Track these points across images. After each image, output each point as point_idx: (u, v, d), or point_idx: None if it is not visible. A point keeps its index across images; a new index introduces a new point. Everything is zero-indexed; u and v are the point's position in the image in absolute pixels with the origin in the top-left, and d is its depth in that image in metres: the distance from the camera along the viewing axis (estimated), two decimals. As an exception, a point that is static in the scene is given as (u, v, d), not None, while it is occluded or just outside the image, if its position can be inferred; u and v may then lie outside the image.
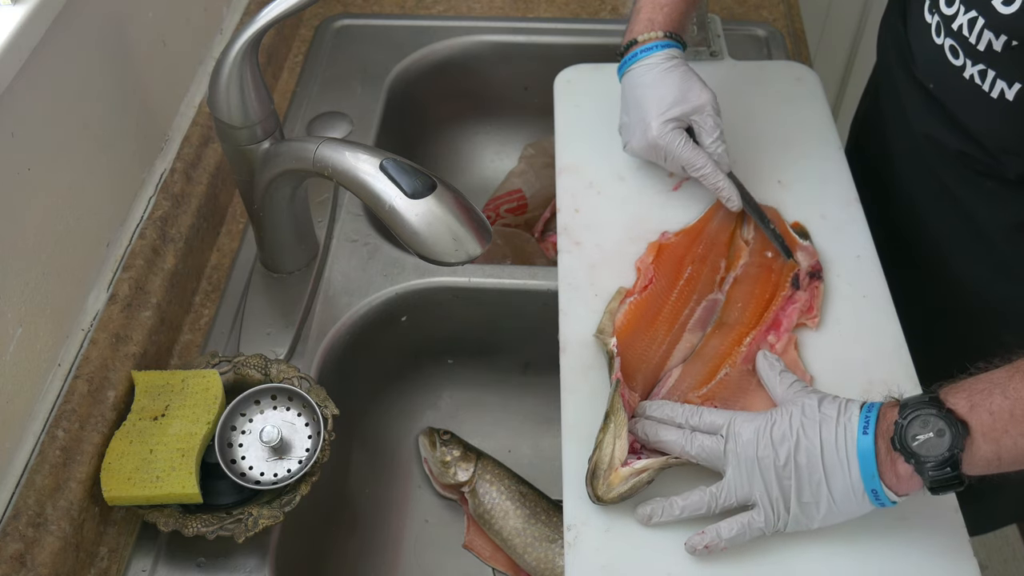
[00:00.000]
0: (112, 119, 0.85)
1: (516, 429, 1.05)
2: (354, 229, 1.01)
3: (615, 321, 0.81)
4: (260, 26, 0.75)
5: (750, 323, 0.81)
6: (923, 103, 0.87)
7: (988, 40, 0.73)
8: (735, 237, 0.88)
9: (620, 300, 0.83)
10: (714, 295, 0.84)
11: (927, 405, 0.60)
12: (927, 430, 0.60)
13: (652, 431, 0.71)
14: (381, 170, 0.70)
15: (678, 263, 0.85)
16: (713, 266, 0.85)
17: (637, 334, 0.80)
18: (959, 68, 0.78)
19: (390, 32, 1.25)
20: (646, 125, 0.86)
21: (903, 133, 0.93)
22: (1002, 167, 0.81)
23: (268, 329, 0.91)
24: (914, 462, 0.60)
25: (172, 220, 0.91)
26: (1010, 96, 0.74)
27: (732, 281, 0.84)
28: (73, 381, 0.77)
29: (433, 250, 0.69)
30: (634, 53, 0.89)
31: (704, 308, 0.83)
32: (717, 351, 0.79)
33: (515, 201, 1.24)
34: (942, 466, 0.59)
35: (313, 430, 0.79)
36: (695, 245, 0.87)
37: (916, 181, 0.94)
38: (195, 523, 0.73)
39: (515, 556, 0.92)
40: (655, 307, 0.82)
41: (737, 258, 0.86)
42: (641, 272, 0.85)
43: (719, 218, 0.90)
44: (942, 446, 0.59)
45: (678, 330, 0.81)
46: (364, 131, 1.12)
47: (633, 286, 0.84)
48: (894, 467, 0.61)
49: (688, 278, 0.84)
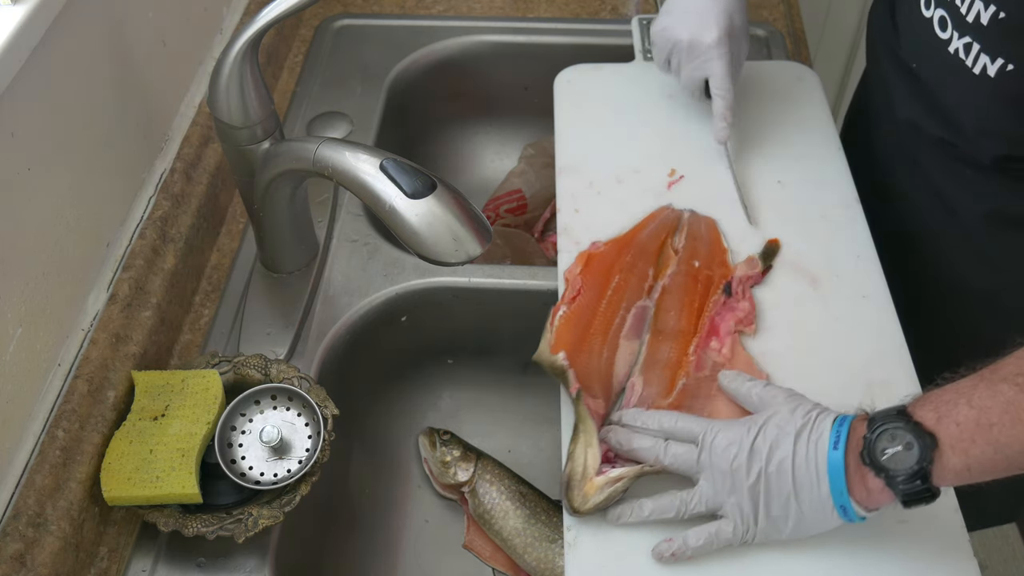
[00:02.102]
0: (112, 119, 0.85)
1: (516, 429, 1.05)
2: (354, 229, 1.01)
3: (554, 329, 0.80)
4: (260, 26, 0.75)
5: (688, 331, 0.80)
6: (906, 87, 0.88)
7: (977, 11, 0.74)
8: (665, 246, 0.88)
9: (553, 310, 0.82)
10: (643, 302, 0.83)
11: (894, 419, 0.60)
12: (895, 444, 0.59)
13: (625, 439, 0.71)
14: (381, 170, 0.70)
15: (606, 272, 0.85)
16: (641, 274, 0.85)
17: (577, 345, 0.79)
18: (945, 42, 0.79)
19: (390, 32, 1.25)
20: (716, 30, 0.89)
21: (887, 121, 0.94)
22: (979, 151, 0.82)
23: (268, 329, 0.91)
24: (884, 476, 0.60)
25: (172, 220, 0.91)
26: (992, 72, 0.75)
27: (660, 289, 0.84)
28: (73, 381, 0.77)
29: (433, 250, 0.69)
30: None
31: (634, 315, 0.82)
32: (669, 360, 0.79)
33: (515, 201, 1.24)
34: (912, 479, 0.59)
35: (313, 430, 0.79)
36: (624, 254, 0.87)
37: (899, 170, 0.95)
38: (195, 523, 0.73)
39: (515, 556, 0.92)
40: (586, 317, 0.82)
41: (665, 266, 0.86)
42: (569, 282, 0.85)
43: (652, 228, 0.90)
44: (911, 459, 0.58)
45: (613, 338, 0.80)
46: (364, 131, 1.12)
47: (562, 297, 0.84)
48: (864, 482, 0.61)
49: (616, 287, 0.84)
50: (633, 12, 1.26)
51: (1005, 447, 0.57)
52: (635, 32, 1.13)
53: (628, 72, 1.08)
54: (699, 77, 0.92)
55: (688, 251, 0.87)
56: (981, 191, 0.85)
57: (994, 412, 0.58)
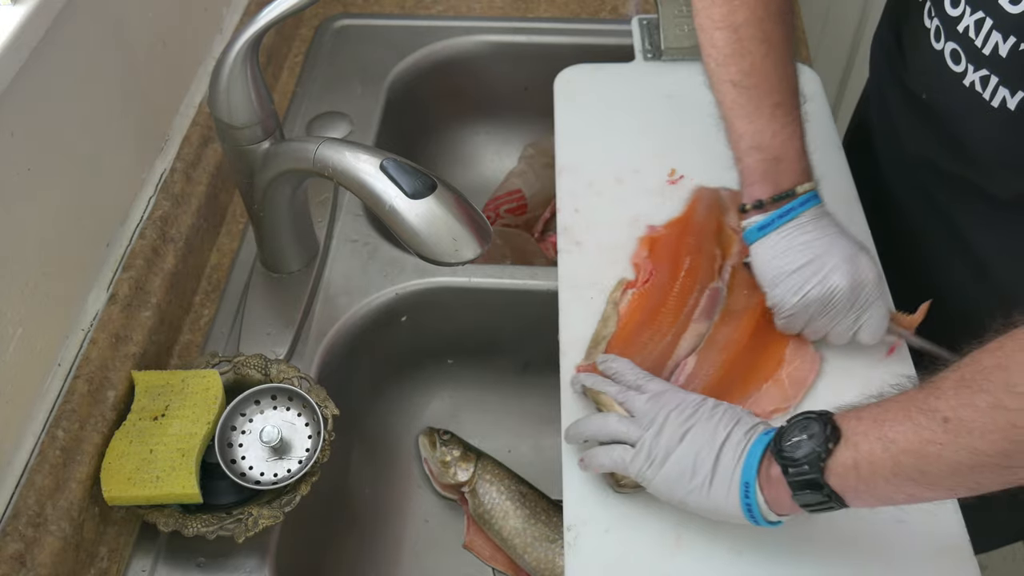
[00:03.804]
0: (112, 119, 0.85)
1: (516, 429, 1.05)
2: (354, 229, 1.01)
3: (619, 310, 0.82)
4: (260, 26, 0.75)
5: (757, 309, 0.81)
6: (915, 117, 0.85)
7: (995, 43, 0.72)
8: (722, 226, 0.88)
9: (622, 291, 0.83)
10: (715, 284, 0.84)
11: (814, 418, 0.60)
12: (802, 433, 0.60)
13: (591, 383, 0.73)
14: (381, 170, 0.70)
15: (674, 255, 0.86)
16: (709, 255, 0.86)
17: (641, 326, 0.81)
18: (959, 75, 0.76)
19: (390, 32, 1.25)
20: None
21: (894, 152, 0.91)
22: (995, 186, 0.79)
23: (268, 329, 0.91)
24: (780, 460, 0.60)
25: (172, 220, 0.91)
26: (1012, 105, 0.72)
27: (731, 269, 0.85)
28: (73, 381, 0.77)
29: (433, 250, 0.69)
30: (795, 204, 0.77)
31: (708, 297, 0.83)
32: (730, 339, 0.79)
33: (515, 201, 1.24)
34: (801, 464, 0.59)
35: (313, 430, 0.79)
36: (686, 236, 0.87)
37: (907, 202, 0.92)
38: (195, 523, 0.73)
39: (515, 556, 0.92)
40: (658, 299, 0.82)
41: (730, 246, 0.87)
42: (640, 267, 0.85)
43: (703, 208, 0.90)
44: (808, 447, 0.59)
45: (684, 320, 0.81)
46: (364, 131, 1.12)
47: (635, 280, 0.84)
48: (768, 470, 0.62)
49: (688, 269, 0.84)
50: (633, 12, 1.26)
51: (891, 444, 0.56)
52: (635, 32, 1.13)
53: (628, 72, 1.08)
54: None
55: None
56: (998, 224, 0.82)
57: (892, 408, 0.58)
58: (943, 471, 0.55)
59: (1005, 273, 0.83)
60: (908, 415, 0.56)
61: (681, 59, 1.09)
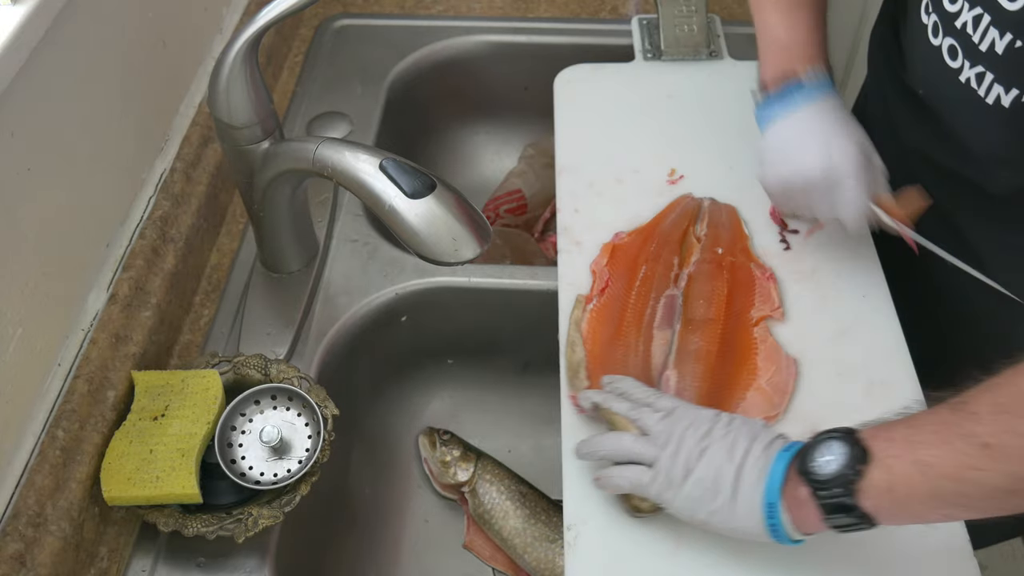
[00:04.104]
0: (112, 119, 0.85)
1: (516, 429, 1.05)
2: (354, 229, 1.01)
3: (581, 331, 0.81)
4: (260, 26, 0.75)
5: (717, 320, 0.81)
6: (912, 113, 0.86)
7: (992, 39, 0.72)
8: (688, 234, 0.89)
9: (581, 308, 0.82)
10: (671, 291, 0.83)
11: (839, 437, 0.60)
12: (829, 453, 0.59)
13: (601, 399, 0.72)
14: (381, 170, 0.70)
15: (632, 263, 0.86)
16: (666, 263, 0.86)
17: (611, 341, 0.80)
18: (955, 71, 0.76)
19: (390, 32, 1.25)
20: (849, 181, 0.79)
21: (891, 148, 0.92)
22: (989, 181, 0.79)
23: (268, 329, 0.91)
24: (809, 481, 0.60)
25: (172, 220, 0.91)
26: (1006, 102, 0.72)
27: (687, 278, 0.84)
28: (73, 381, 0.77)
29: (433, 250, 0.69)
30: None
31: (664, 305, 0.83)
32: (699, 351, 0.79)
33: (515, 201, 1.24)
34: (830, 486, 0.58)
35: (313, 430, 0.79)
36: (648, 243, 0.87)
37: None
38: (195, 523, 0.73)
39: (515, 556, 0.92)
40: (618, 310, 0.82)
41: (689, 254, 0.87)
42: (596, 275, 0.85)
43: (673, 216, 0.90)
44: (836, 465, 0.58)
45: (647, 329, 0.81)
46: (364, 131, 1.12)
47: (591, 290, 0.84)
48: (795, 491, 0.61)
49: (644, 277, 0.84)
50: (633, 12, 1.26)
51: (928, 468, 0.56)
52: (635, 32, 1.13)
53: (628, 72, 1.08)
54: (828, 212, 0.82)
55: (711, 238, 0.87)
56: (994, 221, 0.82)
57: (925, 430, 0.57)
58: (982, 495, 0.55)
59: (1002, 270, 0.83)
60: (944, 439, 0.56)
61: (681, 59, 1.09)
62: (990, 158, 0.78)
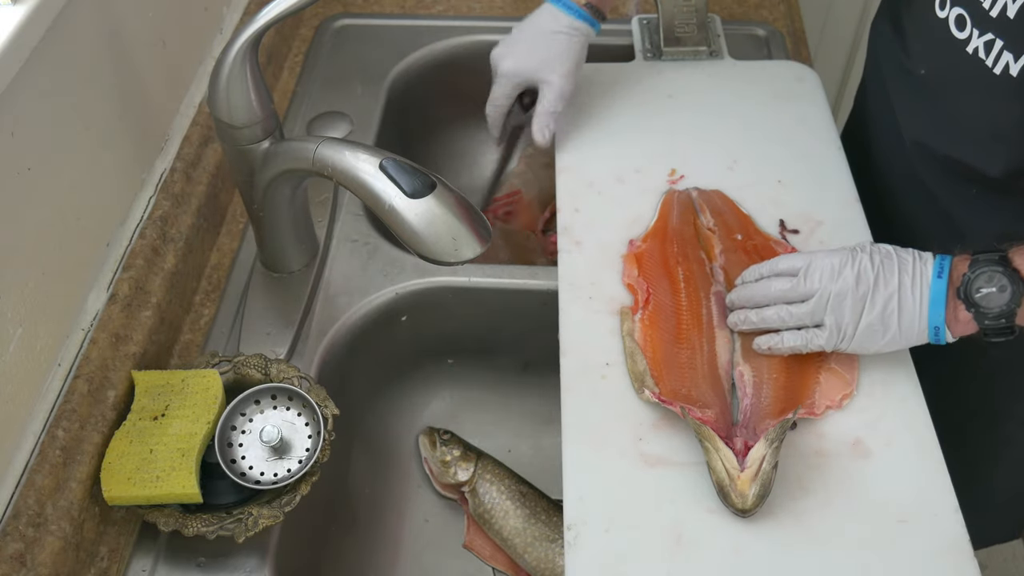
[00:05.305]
0: (112, 119, 0.85)
1: (516, 429, 1.05)
2: (354, 229, 1.01)
3: (636, 340, 0.81)
4: (260, 26, 0.75)
5: None
6: (911, 97, 0.86)
7: (1004, 4, 0.72)
8: (699, 228, 0.89)
9: (631, 320, 0.82)
10: (715, 287, 0.84)
11: (995, 263, 0.68)
12: (991, 285, 0.68)
13: (757, 317, 0.77)
14: (381, 170, 0.70)
15: (664, 268, 0.85)
16: (698, 261, 0.86)
17: (672, 345, 0.80)
18: (963, 42, 0.77)
19: (390, 32, 1.25)
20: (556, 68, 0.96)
21: (890, 141, 0.92)
22: (987, 164, 0.80)
23: (268, 329, 0.91)
24: (974, 311, 0.68)
25: (172, 220, 0.91)
26: (1014, 71, 0.73)
27: (721, 271, 0.85)
28: (73, 381, 0.77)
29: (433, 250, 0.69)
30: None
31: (715, 303, 0.83)
32: None
33: (515, 201, 1.24)
34: (998, 318, 0.68)
35: (313, 430, 0.79)
36: (668, 245, 0.87)
37: (903, 191, 0.92)
38: (195, 523, 0.73)
39: (515, 556, 0.92)
40: (671, 315, 0.82)
41: (711, 247, 0.87)
42: (635, 287, 0.85)
43: (675, 213, 0.90)
44: (1001, 300, 0.67)
45: (708, 329, 0.81)
46: (364, 131, 1.12)
47: (635, 303, 0.84)
48: (956, 313, 0.70)
49: (685, 279, 0.84)
50: (633, 12, 1.26)
51: None
52: (635, 32, 1.13)
53: (628, 72, 1.08)
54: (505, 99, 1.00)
55: (723, 228, 0.88)
56: (991, 212, 0.83)
57: None
58: None
59: None
60: None
61: (681, 59, 1.09)
62: (987, 135, 0.79)
